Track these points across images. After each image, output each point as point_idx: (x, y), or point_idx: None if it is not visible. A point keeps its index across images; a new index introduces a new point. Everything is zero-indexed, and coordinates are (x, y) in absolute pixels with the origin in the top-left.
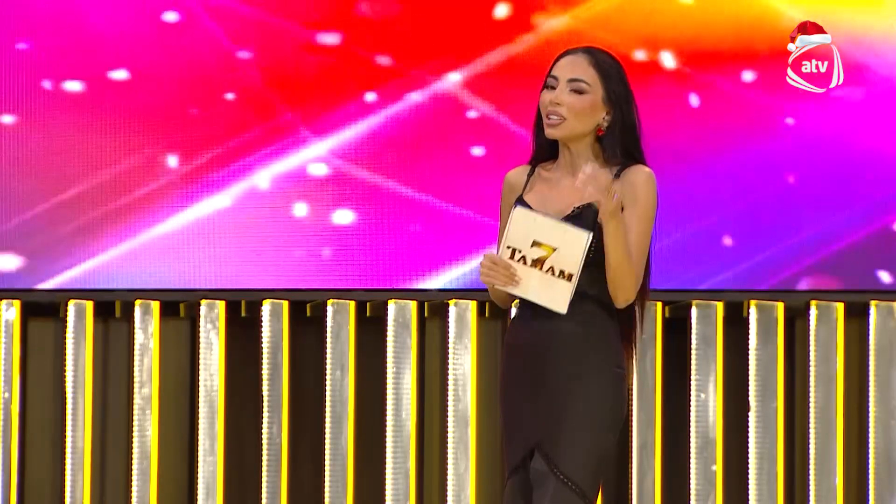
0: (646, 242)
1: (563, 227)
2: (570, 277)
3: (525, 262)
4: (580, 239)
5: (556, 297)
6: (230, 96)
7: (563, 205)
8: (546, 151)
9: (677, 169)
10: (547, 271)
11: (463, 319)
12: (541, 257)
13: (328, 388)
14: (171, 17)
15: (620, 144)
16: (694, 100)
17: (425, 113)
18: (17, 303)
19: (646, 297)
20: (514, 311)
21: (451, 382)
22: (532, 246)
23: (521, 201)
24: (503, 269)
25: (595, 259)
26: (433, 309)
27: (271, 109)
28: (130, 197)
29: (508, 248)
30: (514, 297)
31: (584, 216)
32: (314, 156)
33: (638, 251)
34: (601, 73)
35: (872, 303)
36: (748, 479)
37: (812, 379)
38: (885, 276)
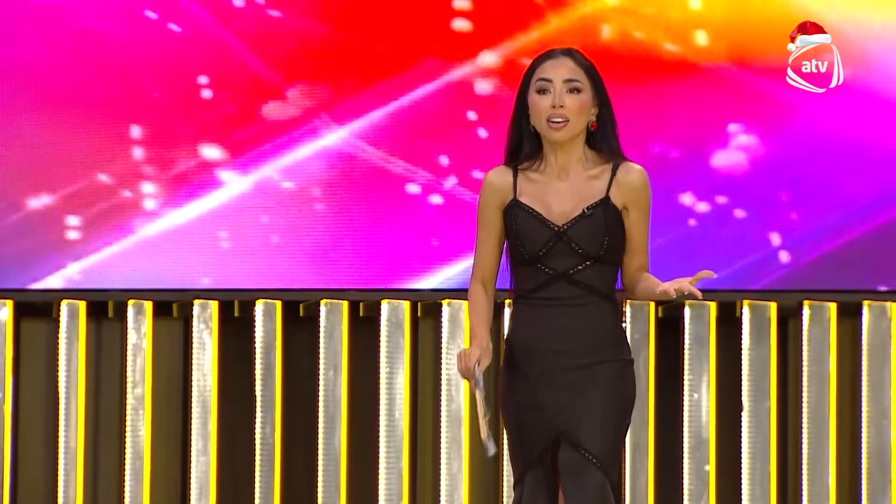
0: (648, 237)
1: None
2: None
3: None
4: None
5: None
6: (226, 97)
7: (567, 207)
8: (523, 152)
9: (672, 168)
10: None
11: (456, 319)
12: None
13: (321, 387)
14: (172, 14)
15: (609, 139)
16: (691, 98)
17: (421, 111)
18: (9, 303)
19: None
20: (513, 306)
21: (444, 382)
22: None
23: (516, 204)
24: (466, 372)
25: (605, 257)
26: (426, 309)
27: (267, 111)
28: (123, 197)
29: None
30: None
31: (595, 215)
32: (308, 156)
33: (645, 247)
34: (586, 72)
35: (865, 303)
36: (741, 478)
37: (805, 379)
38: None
